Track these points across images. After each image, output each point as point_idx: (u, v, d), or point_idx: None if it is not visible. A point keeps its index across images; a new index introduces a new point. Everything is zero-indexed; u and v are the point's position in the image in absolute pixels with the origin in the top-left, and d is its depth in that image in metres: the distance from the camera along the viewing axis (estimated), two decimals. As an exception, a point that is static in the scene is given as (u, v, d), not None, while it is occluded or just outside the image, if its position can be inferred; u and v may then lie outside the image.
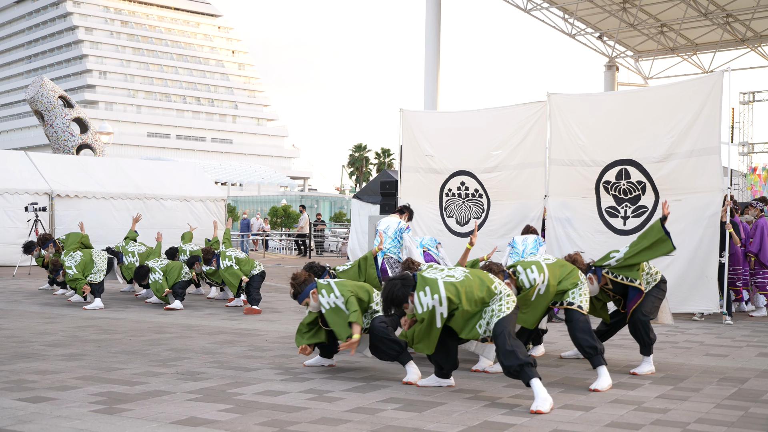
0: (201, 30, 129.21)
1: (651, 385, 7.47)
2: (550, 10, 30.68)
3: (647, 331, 8.01)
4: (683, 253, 12.28)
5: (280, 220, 46.99)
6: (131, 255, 14.97)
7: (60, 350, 8.81)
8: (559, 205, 13.91)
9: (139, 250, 15.09)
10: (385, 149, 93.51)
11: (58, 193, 22.25)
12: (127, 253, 15.02)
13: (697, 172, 12.43)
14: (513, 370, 6.45)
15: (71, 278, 13.11)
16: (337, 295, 7.63)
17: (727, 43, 31.69)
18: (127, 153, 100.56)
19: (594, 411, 6.36)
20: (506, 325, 6.62)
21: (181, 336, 10.10)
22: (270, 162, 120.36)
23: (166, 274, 13.43)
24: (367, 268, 9.61)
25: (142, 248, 15.20)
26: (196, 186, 25.46)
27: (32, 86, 47.39)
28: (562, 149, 13.86)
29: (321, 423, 5.85)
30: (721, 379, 7.80)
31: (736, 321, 12.48)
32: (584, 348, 7.30)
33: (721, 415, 6.31)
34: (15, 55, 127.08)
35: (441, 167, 15.54)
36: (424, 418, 6.04)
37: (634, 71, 35.08)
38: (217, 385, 7.11)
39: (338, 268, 9.58)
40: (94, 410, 6.07)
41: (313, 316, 7.93)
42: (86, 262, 13.27)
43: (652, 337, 8.04)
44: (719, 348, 9.79)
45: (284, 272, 22.84)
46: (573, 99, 14.05)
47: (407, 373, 7.42)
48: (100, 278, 13.24)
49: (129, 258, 14.95)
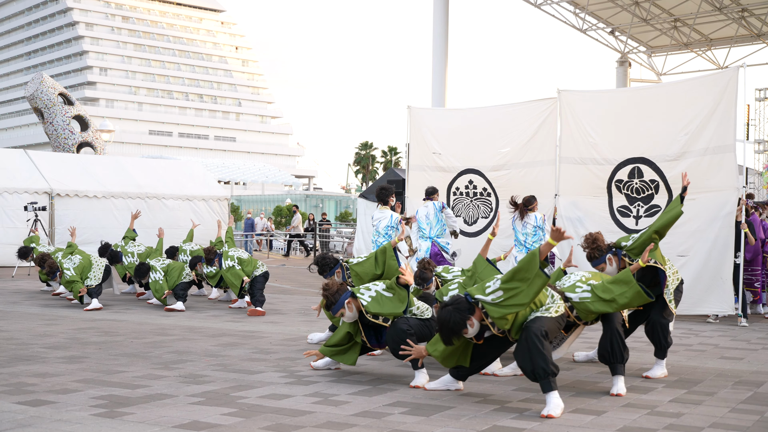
0: (204, 26, 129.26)
1: (664, 388, 7.37)
2: (561, 5, 30.47)
3: (666, 334, 7.87)
4: (697, 254, 12.19)
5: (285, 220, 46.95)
6: (131, 255, 14.88)
7: (60, 353, 8.71)
8: (570, 205, 13.78)
9: (139, 250, 15.00)
10: (392, 147, 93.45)
11: (58, 193, 22.17)
12: (127, 254, 14.93)
13: (712, 171, 12.30)
14: (538, 374, 6.28)
15: (68, 280, 13.00)
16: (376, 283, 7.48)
17: (742, 38, 31.48)
18: (129, 151, 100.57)
19: (606, 415, 6.27)
20: (545, 325, 6.42)
21: (183, 338, 10.00)
22: (274, 160, 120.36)
23: (167, 274, 13.32)
24: (386, 260, 9.19)
25: (142, 248, 15.11)
26: (198, 185, 25.40)
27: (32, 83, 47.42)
28: (572, 147, 13.73)
29: (326, 427, 5.75)
30: (736, 382, 7.70)
31: (751, 323, 12.37)
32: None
33: (736, 419, 6.22)
34: (14, 51, 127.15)
35: (448, 165, 15.42)
36: (432, 422, 5.95)
37: (647, 67, 34.86)
38: (221, 388, 7.00)
39: (351, 260, 9.34)
40: (95, 414, 5.98)
41: (345, 330, 7.69)
42: (84, 266, 13.18)
43: (670, 341, 7.91)
44: (734, 351, 9.68)
45: (289, 273, 22.78)
46: (584, 96, 13.93)
47: (415, 377, 7.29)
48: (95, 283, 13.12)
49: (128, 258, 14.86)
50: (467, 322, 6.41)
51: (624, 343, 7.20)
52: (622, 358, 7.14)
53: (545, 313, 6.50)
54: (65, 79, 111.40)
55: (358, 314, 7.46)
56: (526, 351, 6.33)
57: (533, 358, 6.27)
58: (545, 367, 6.25)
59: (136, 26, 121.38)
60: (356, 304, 7.42)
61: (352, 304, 7.40)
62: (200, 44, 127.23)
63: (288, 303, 14.30)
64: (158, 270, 13.36)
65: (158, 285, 13.23)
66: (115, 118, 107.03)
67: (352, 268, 9.07)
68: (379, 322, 7.42)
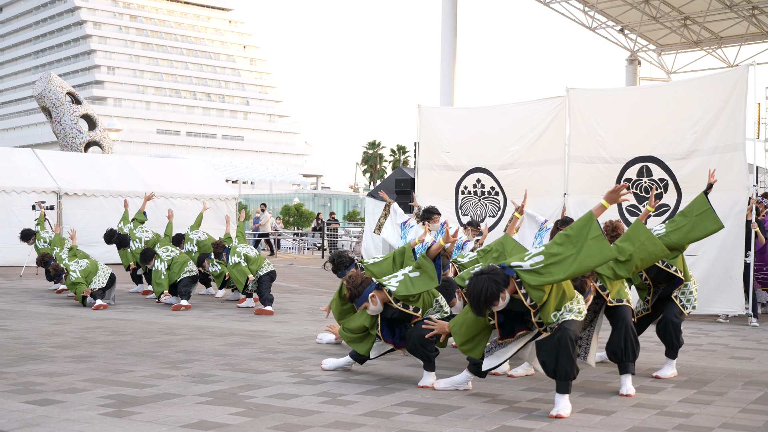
0: (211, 24, 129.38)
1: (674, 388, 7.34)
2: (570, 3, 30.35)
3: (678, 333, 7.82)
4: (707, 253, 12.13)
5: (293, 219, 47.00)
6: (138, 241, 14.85)
7: (68, 352, 8.70)
8: (579, 204, 13.71)
9: (147, 237, 14.97)
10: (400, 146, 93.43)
11: (65, 192, 22.17)
12: (135, 239, 14.91)
13: (722, 170, 12.18)
14: (560, 374, 6.19)
15: (73, 281, 12.98)
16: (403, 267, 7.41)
17: (752, 36, 31.32)
18: (136, 150, 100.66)
19: (615, 415, 6.24)
20: (576, 330, 6.29)
21: (191, 338, 9.99)
22: (282, 159, 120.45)
23: (170, 268, 13.31)
24: (404, 261, 8.78)
25: (150, 234, 15.08)
26: (206, 184, 25.38)
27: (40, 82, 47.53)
28: (581, 146, 13.67)
29: (334, 427, 5.73)
30: (747, 382, 7.67)
31: (761, 323, 12.32)
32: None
33: (747, 419, 6.19)
34: (22, 50, 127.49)
35: (456, 164, 15.38)
36: (440, 422, 5.92)
37: (657, 65, 34.70)
38: (228, 387, 6.99)
39: (367, 261, 9.03)
40: (102, 413, 5.97)
41: (360, 322, 7.66)
42: (90, 271, 13.16)
43: (681, 341, 7.87)
44: (744, 351, 9.64)
45: (297, 273, 22.78)
46: (593, 94, 13.87)
47: (424, 377, 7.27)
48: (99, 287, 13.11)
49: (136, 243, 14.83)
50: (500, 294, 6.11)
51: (637, 341, 7.14)
52: (635, 356, 7.09)
53: (578, 316, 6.30)
54: (73, 78, 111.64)
55: (383, 307, 7.40)
56: (554, 348, 6.18)
57: (560, 358, 6.15)
58: (570, 370, 6.17)
59: (143, 25, 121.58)
60: (381, 296, 7.33)
61: (376, 297, 7.31)
62: (208, 43, 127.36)
63: (296, 303, 14.28)
64: (162, 260, 13.33)
65: (160, 278, 13.21)
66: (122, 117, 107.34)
67: (367, 268, 8.73)
68: (409, 311, 7.34)
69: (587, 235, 6.10)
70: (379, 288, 7.34)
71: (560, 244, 6.16)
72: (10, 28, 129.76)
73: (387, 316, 7.48)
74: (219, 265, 13.74)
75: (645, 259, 7.22)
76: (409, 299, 7.33)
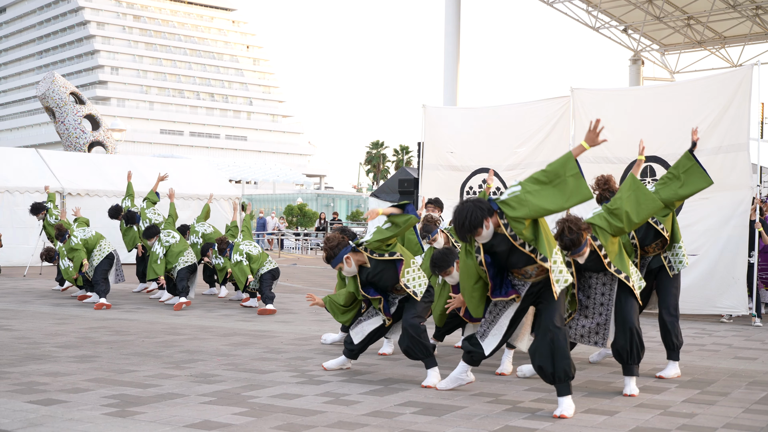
0: (215, 24, 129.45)
1: (677, 389, 7.32)
2: (573, 3, 30.30)
3: (676, 332, 7.78)
4: (710, 253, 12.11)
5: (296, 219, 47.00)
6: (148, 221, 14.87)
7: (72, 352, 8.71)
8: (584, 203, 13.67)
9: (156, 219, 14.98)
10: (403, 146, 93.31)
11: (69, 192, 22.17)
12: (145, 218, 14.96)
13: (725, 170, 12.21)
14: (559, 377, 6.19)
15: (72, 247, 12.98)
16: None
17: (756, 35, 31.24)
18: (140, 150, 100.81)
19: (618, 416, 6.23)
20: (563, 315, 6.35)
21: (194, 337, 9.99)
22: (285, 159, 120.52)
23: (167, 254, 13.31)
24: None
25: (159, 218, 15.08)
26: (209, 184, 25.35)
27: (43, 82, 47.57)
28: (586, 146, 13.64)
29: (337, 427, 5.73)
30: (750, 383, 7.65)
31: (765, 323, 12.27)
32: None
33: (750, 420, 6.18)
34: (26, 50, 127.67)
35: (462, 164, 15.35)
36: (444, 423, 5.92)
37: (660, 65, 34.62)
38: (232, 387, 6.99)
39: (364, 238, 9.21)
40: (106, 413, 5.97)
41: (347, 292, 7.72)
42: (92, 243, 13.22)
43: (681, 340, 7.84)
44: (748, 351, 9.62)
45: (300, 272, 22.78)
46: (597, 94, 13.86)
47: (427, 377, 7.26)
48: (96, 262, 13.12)
49: (145, 223, 14.84)
50: (484, 221, 6.13)
51: (642, 343, 7.12)
52: (639, 358, 7.07)
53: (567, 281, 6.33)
54: (76, 79, 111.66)
55: (357, 269, 7.46)
56: (549, 350, 6.19)
57: (557, 359, 6.16)
58: (568, 370, 6.17)
59: (147, 25, 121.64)
60: (356, 258, 7.41)
61: (351, 259, 7.38)
62: (211, 43, 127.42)
63: (299, 302, 14.26)
64: (162, 244, 13.35)
65: (155, 262, 13.22)
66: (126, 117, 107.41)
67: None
68: (386, 258, 7.37)
69: (565, 173, 6.24)
70: (355, 251, 7.40)
71: (537, 179, 6.27)
72: (13, 28, 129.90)
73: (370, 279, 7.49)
74: (222, 259, 13.72)
75: (638, 212, 7.02)
76: (383, 247, 7.39)
